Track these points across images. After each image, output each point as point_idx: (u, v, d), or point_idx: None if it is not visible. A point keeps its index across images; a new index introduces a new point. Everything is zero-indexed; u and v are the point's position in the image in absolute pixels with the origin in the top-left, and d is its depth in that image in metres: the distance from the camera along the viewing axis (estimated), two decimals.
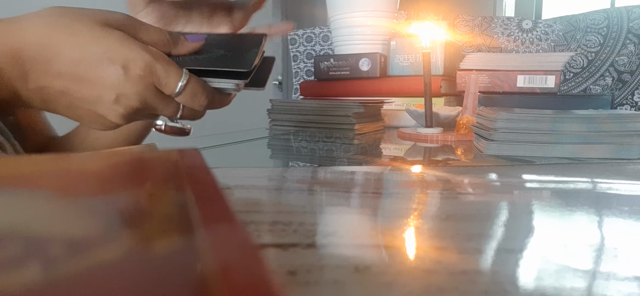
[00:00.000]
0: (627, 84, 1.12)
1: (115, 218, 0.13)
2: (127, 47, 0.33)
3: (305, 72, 1.44)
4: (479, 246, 0.20)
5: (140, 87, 0.34)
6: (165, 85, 0.35)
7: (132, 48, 0.33)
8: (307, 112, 0.80)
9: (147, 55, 0.34)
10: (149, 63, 0.34)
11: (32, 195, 0.15)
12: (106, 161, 0.21)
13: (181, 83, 0.35)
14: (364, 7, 0.95)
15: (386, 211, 0.27)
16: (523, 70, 0.81)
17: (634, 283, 0.16)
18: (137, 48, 0.34)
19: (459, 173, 0.37)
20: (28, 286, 0.08)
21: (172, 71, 0.35)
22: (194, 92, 0.36)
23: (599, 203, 0.27)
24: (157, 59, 0.34)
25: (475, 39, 1.23)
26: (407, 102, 0.89)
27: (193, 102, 0.37)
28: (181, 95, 0.36)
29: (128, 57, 0.33)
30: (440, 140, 0.63)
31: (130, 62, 0.33)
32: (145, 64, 0.33)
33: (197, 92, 0.37)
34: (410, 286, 0.15)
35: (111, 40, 0.33)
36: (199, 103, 0.37)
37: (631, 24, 1.12)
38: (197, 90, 0.36)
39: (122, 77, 0.33)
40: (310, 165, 0.46)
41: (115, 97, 0.34)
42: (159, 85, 0.35)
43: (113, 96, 0.34)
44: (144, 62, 0.33)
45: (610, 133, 0.46)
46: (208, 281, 0.08)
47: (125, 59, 0.33)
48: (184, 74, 0.36)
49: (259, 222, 0.23)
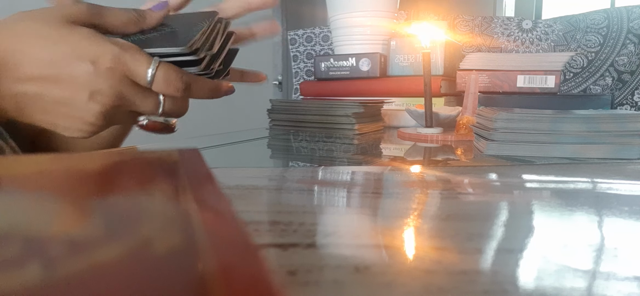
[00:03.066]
0: (627, 84, 1.12)
1: (115, 218, 0.13)
2: (94, 42, 0.33)
3: (305, 72, 1.44)
4: (479, 246, 0.20)
5: (112, 80, 0.34)
6: (137, 74, 0.35)
7: (98, 42, 0.33)
8: (307, 112, 0.80)
9: (115, 47, 0.34)
10: (117, 54, 0.34)
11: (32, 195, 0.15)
12: (106, 161, 0.21)
13: (151, 70, 0.35)
14: (364, 7, 0.95)
15: (386, 211, 0.27)
16: (523, 70, 0.81)
17: (634, 283, 0.16)
18: (103, 42, 0.34)
19: (459, 173, 0.37)
20: (28, 286, 0.08)
21: (141, 59, 0.35)
22: (167, 77, 0.35)
23: (599, 203, 0.27)
24: (125, 50, 0.34)
25: (475, 39, 1.23)
26: (407, 102, 0.89)
27: (169, 88, 0.36)
28: (155, 83, 0.35)
29: (96, 52, 0.33)
30: (440, 140, 0.63)
31: (98, 57, 0.33)
32: (113, 56, 0.33)
33: (171, 77, 0.36)
34: (410, 286, 0.15)
35: (77, 38, 0.33)
36: (175, 87, 0.36)
37: (631, 24, 1.12)
38: (170, 75, 0.36)
39: (92, 72, 0.33)
40: (310, 165, 0.46)
41: (88, 94, 0.33)
42: (130, 75, 0.35)
43: (86, 94, 0.33)
44: (111, 54, 0.33)
45: (610, 133, 0.46)
46: (208, 281, 0.08)
47: (93, 54, 0.33)
48: (153, 61, 0.35)
49: (259, 221, 0.23)
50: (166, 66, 0.36)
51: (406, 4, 1.21)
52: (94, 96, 0.34)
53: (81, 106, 0.34)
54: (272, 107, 0.84)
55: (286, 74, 2.31)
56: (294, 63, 1.46)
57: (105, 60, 0.33)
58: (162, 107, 0.37)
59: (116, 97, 0.34)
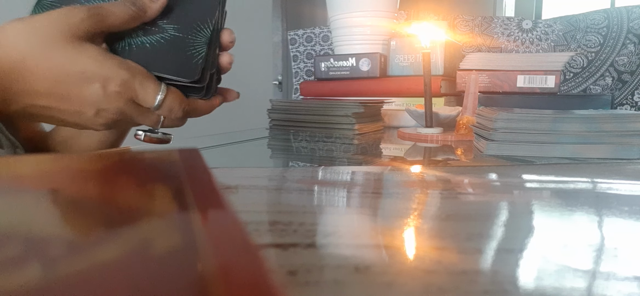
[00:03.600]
0: (627, 84, 1.12)
1: (116, 218, 0.13)
2: (104, 65, 0.34)
3: (305, 72, 1.44)
4: (479, 246, 0.20)
5: (118, 103, 0.35)
6: (144, 101, 0.36)
7: (108, 66, 0.34)
8: (307, 112, 0.80)
9: (124, 72, 0.35)
10: (126, 80, 0.35)
11: (32, 195, 0.15)
12: (107, 161, 0.21)
13: (160, 97, 0.36)
14: (364, 7, 0.95)
15: (386, 211, 0.27)
16: (523, 70, 0.81)
17: (634, 283, 0.16)
18: (113, 66, 0.34)
19: (459, 173, 0.37)
20: (28, 286, 0.08)
21: (150, 86, 0.36)
22: (171, 106, 0.37)
23: (599, 203, 0.27)
24: (134, 75, 0.35)
25: (475, 39, 1.23)
26: (407, 102, 0.89)
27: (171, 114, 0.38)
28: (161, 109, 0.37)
29: (106, 75, 0.34)
30: (440, 140, 0.63)
31: (108, 81, 0.34)
32: (122, 80, 0.35)
33: (174, 106, 0.37)
34: (410, 286, 0.15)
35: (86, 59, 0.33)
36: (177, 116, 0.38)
37: (631, 24, 1.12)
38: (174, 104, 0.37)
39: (101, 94, 0.34)
40: (310, 165, 0.46)
41: (95, 111, 0.35)
42: (137, 100, 0.36)
43: (93, 111, 0.35)
44: (121, 79, 0.34)
45: (610, 133, 0.46)
46: (208, 281, 0.08)
47: (103, 77, 0.34)
48: (162, 90, 0.36)
49: (259, 221, 0.23)
50: (172, 96, 0.37)
51: (406, 4, 1.21)
52: (100, 113, 0.35)
53: (87, 118, 0.36)
54: (272, 107, 0.84)
55: (286, 73, 2.31)
56: (294, 63, 1.46)
57: (114, 84, 0.34)
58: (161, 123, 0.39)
59: (120, 115, 0.36)
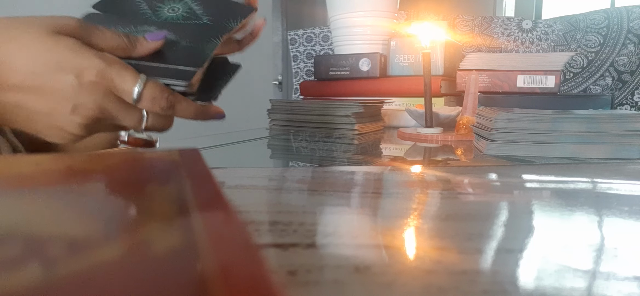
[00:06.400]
0: (627, 84, 1.12)
1: (116, 217, 0.13)
2: (79, 54, 0.32)
3: (305, 72, 1.44)
4: (479, 246, 0.20)
5: (96, 95, 0.33)
6: (122, 91, 0.34)
7: (84, 55, 0.32)
8: (307, 112, 0.80)
9: (100, 62, 0.33)
10: (103, 69, 0.33)
11: (32, 195, 0.15)
12: (107, 161, 0.21)
13: (138, 88, 0.34)
14: (364, 7, 0.95)
15: (386, 211, 0.27)
16: (523, 70, 0.81)
17: (634, 283, 0.16)
18: (89, 55, 0.33)
19: (459, 173, 0.37)
20: (28, 286, 0.08)
21: (128, 76, 0.34)
22: (153, 95, 0.35)
23: (599, 203, 0.27)
24: (110, 65, 0.33)
25: (475, 39, 1.23)
26: (407, 102, 0.89)
27: (153, 106, 0.35)
28: (141, 101, 0.35)
29: (80, 64, 0.32)
30: (440, 140, 0.63)
31: (83, 70, 0.32)
32: (98, 70, 0.33)
33: (157, 95, 0.35)
34: (410, 286, 0.15)
35: (61, 49, 0.32)
36: (160, 106, 0.36)
37: (631, 24, 1.12)
38: (156, 94, 0.35)
39: (76, 86, 0.32)
40: (310, 165, 0.46)
41: (71, 107, 0.33)
42: (115, 91, 0.34)
43: (69, 106, 0.33)
44: (97, 68, 0.32)
45: (610, 133, 0.46)
46: (208, 281, 0.08)
47: (78, 67, 0.32)
48: (140, 78, 0.34)
49: (259, 221, 0.23)
50: (152, 85, 0.35)
51: (406, 4, 1.21)
52: (77, 109, 0.33)
53: (63, 118, 0.33)
54: (272, 107, 0.84)
55: (286, 73, 2.31)
56: (294, 63, 1.46)
57: (89, 73, 0.32)
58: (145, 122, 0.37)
59: (99, 110, 0.34)
